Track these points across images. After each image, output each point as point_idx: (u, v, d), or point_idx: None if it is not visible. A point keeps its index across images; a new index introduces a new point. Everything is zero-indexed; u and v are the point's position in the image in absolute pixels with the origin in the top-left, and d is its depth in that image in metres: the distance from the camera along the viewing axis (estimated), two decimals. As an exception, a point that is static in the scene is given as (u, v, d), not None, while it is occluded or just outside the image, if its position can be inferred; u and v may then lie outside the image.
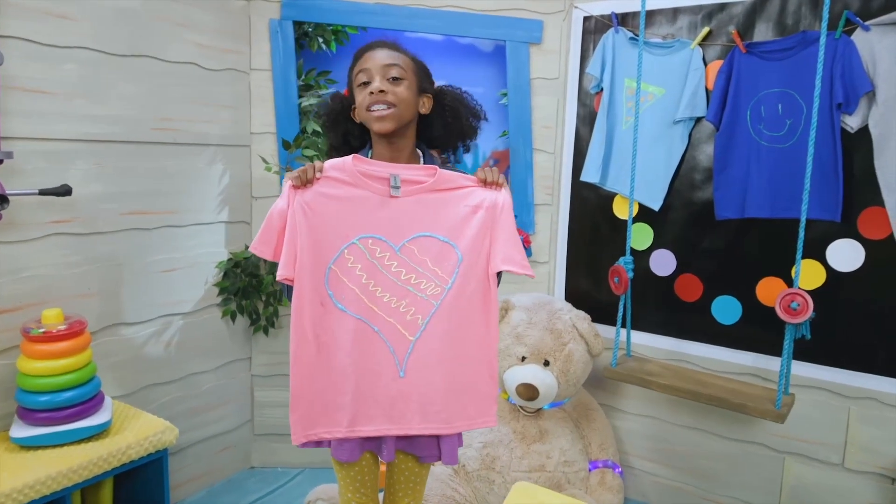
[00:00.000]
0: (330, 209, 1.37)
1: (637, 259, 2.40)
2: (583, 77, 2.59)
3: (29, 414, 1.81)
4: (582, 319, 2.46)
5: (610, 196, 2.56)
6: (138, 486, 2.05)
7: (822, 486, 2.23)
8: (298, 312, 1.37)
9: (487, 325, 1.42)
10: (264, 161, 2.48)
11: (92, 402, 1.89)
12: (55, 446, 1.81)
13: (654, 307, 2.47)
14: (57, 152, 1.95)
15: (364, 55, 1.44)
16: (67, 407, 1.83)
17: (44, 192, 1.81)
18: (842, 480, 2.20)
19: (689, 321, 2.42)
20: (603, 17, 2.50)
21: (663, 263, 2.45)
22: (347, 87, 1.51)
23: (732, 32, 2.20)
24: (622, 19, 2.46)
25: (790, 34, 2.12)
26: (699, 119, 2.31)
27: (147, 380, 2.30)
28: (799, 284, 1.86)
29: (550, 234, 2.72)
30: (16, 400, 1.83)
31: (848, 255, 2.10)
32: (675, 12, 2.36)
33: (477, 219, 1.39)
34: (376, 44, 1.45)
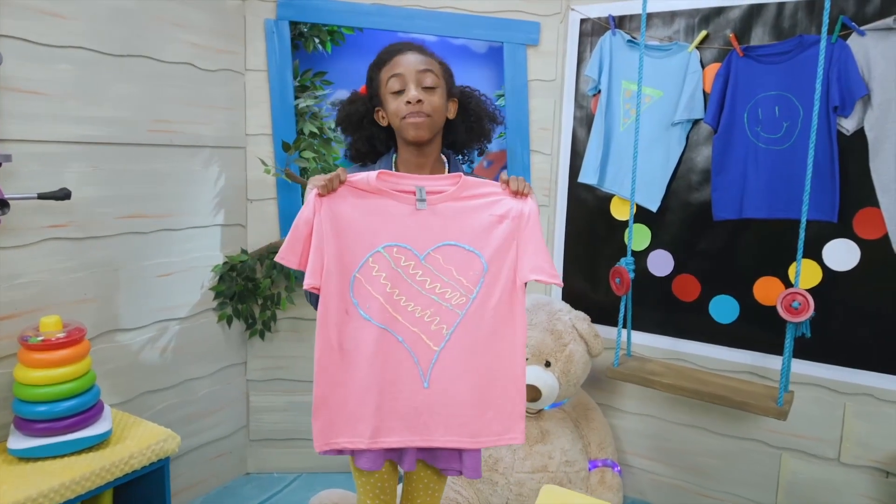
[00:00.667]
0: (356, 217, 1.36)
1: (635, 259, 2.41)
2: (580, 79, 2.60)
3: (27, 425, 1.76)
4: (581, 320, 2.47)
5: (607, 197, 2.58)
6: (138, 496, 2.00)
7: (819, 480, 2.28)
8: (324, 320, 1.35)
9: (514, 337, 1.39)
10: (263, 163, 2.45)
11: (92, 412, 1.84)
12: (55, 457, 1.76)
13: (653, 307, 2.49)
14: (52, 155, 1.89)
15: (395, 59, 1.41)
16: (67, 417, 1.78)
17: (42, 197, 1.75)
18: (837, 475, 2.25)
19: (686, 321, 2.45)
20: (600, 19, 2.52)
21: (661, 264, 2.48)
22: (367, 86, 1.48)
23: (730, 36, 2.23)
24: (619, 22, 2.48)
25: (786, 38, 2.16)
26: (697, 121, 2.34)
27: (143, 387, 2.25)
28: (799, 284, 1.90)
29: (547, 235, 2.73)
30: (13, 410, 1.77)
31: (844, 254, 2.14)
32: (672, 16, 2.38)
33: (503, 228, 1.38)
34: (405, 46, 1.43)
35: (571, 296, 2.69)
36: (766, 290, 2.28)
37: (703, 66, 2.32)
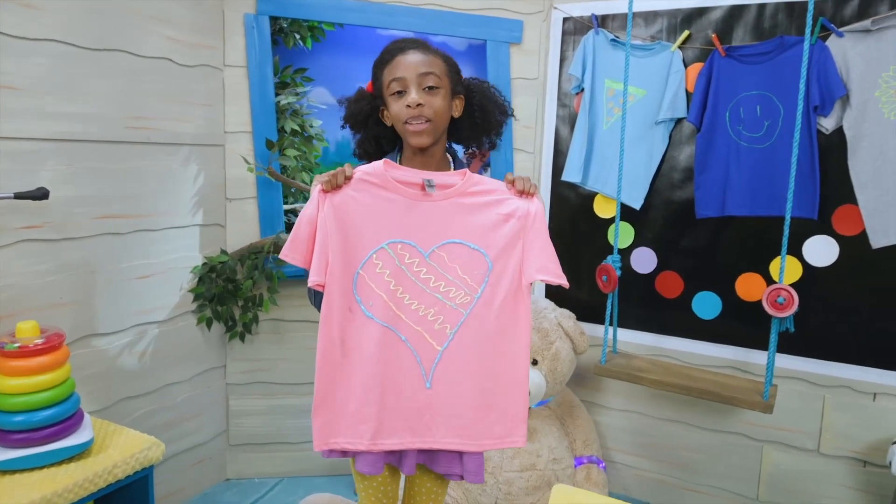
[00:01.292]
0: (360, 213, 1.33)
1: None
2: (562, 77, 2.61)
3: (4, 435, 1.66)
4: (567, 318, 2.48)
5: (590, 195, 2.59)
6: (121, 506, 1.93)
7: (799, 471, 2.33)
8: (327, 317, 1.32)
9: (518, 338, 1.37)
10: (246, 161, 2.39)
11: (72, 420, 1.76)
12: (34, 469, 1.67)
13: (636, 304, 2.52)
14: (26, 152, 1.80)
15: (396, 59, 1.37)
16: (46, 426, 1.69)
17: (19, 196, 1.67)
18: (817, 465, 2.30)
19: (670, 317, 2.48)
20: (583, 18, 2.53)
21: (644, 261, 2.51)
22: (372, 83, 1.45)
23: (712, 36, 2.27)
24: (601, 21, 2.50)
25: (767, 39, 2.20)
26: (679, 120, 2.37)
27: (121, 393, 2.18)
28: (778, 279, 1.94)
29: (530, 233, 2.73)
30: (-12, 421, 1.69)
31: (823, 250, 2.20)
32: (654, 15, 2.41)
33: (509, 227, 1.36)
34: (407, 45, 1.39)
35: (555, 293, 2.69)
36: (748, 286, 2.32)
37: (685, 66, 2.35)
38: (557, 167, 2.64)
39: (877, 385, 2.18)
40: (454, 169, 1.49)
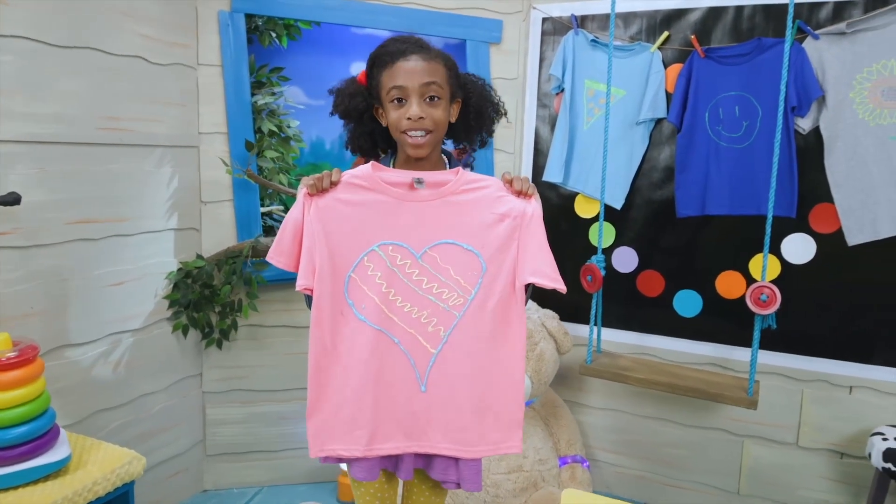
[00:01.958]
0: (348, 215, 1.30)
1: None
2: (542, 77, 2.61)
3: (-25, 455, 1.58)
4: (550, 318, 2.49)
5: (571, 195, 2.60)
6: (99, 524, 1.85)
7: (779, 464, 2.38)
8: (318, 322, 1.29)
9: (513, 341, 1.35)
10: (224, 163, 2.31)
11: (48, 437, 1.67)
12: (9, 489, 1.59)
13: (618, 303, 2.53)
14: (-6, 155, 1.72)
15: (397, 64, 1.32)
16: (21, 444, 1.60)
17: (-10, 202, 1.58)
18: (796, 458, 2.36)
19: (651, 315, 2.51)
20: (562, 18, 2.53)
21: (626, 261, 2.53)
22: (367, 79, 1.40)
23: (691, 38, 2.30)
24: (581, 22, 2.50)
25: (745, 41, 2.24)
26: (659, 120, 2.40)
27: (95, 405, 2.08)
28: (757, 276, 1.97)
29: (510, 234, 2.72)
30: (-42, 440, 1.59)
31: (801, 248, 2.25)
32: (633, 17, 2.42)
33: (503, 227, 1.33)
34: (409, 48, 1.33)
35: (536, 294, 2.69)
36: (728, 284, 2.36)
37: (664, 66, 2.37)
38: (538, 167, 2.64)
39: (853, 378, 2.23)
40: (449, 168, 1.47)
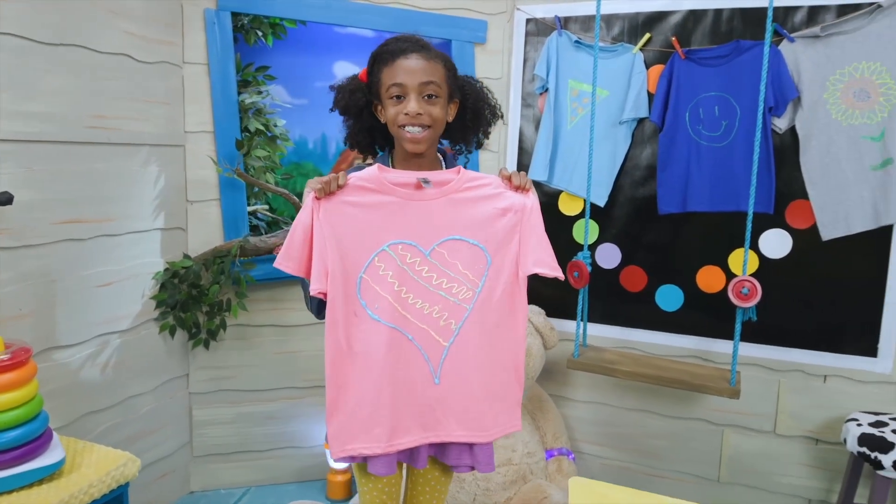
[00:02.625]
0: (357, 217, 1.33)
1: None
2: (526, 77, 2.65)
3: (-32, 459, 1.56)
4: (536, 314, 2.53)
5: (555, 193, 2.65)
6: (92, 528, 1.83)
7: (757, 452, 2.47)
8: (333, 324, 1.31)
9: (516, 329, 1.41)
10: (214, 162, 2.30)
11: (41, 440, 1.65)
12: (5, 493, 1.57)
13: (602, 298, 2.58)
14: (-18, 154, 1.69)
15: (397, 62, 1.35)
16: (14, 448, 1.58)
17: (-18, 202, 1.56)
18: (774, 446, 2.44)
19: (634, 310, 2.57)
20: (545, 19, 2.58)
21: (609, 257, 2.58)
22: (368, 76, 1.43)
23: (672, 39, 2.36)
24: (564, 23, 2.55)
25: (724, 43, 2.31)
26: (641, 120, 2.46)
27: (84, 408, 2.06)
28: (736, 271, 2.03)
29: (495, 231, 2.76)
30: (-51, 444, 1.56)
31: (777, 243, 2.33)
32: (614, 18, 2.48)
33: (506, 221, 1.38)
34: (410, 47, 1.37)
35: (521, 290, 2.73)
36: (709, 278, 2.43)
37: (646, 67, 2.43)
38: (522, 166, 2.68)
39: (827, 368, 2.33)
40: (445, 168, 1.50)
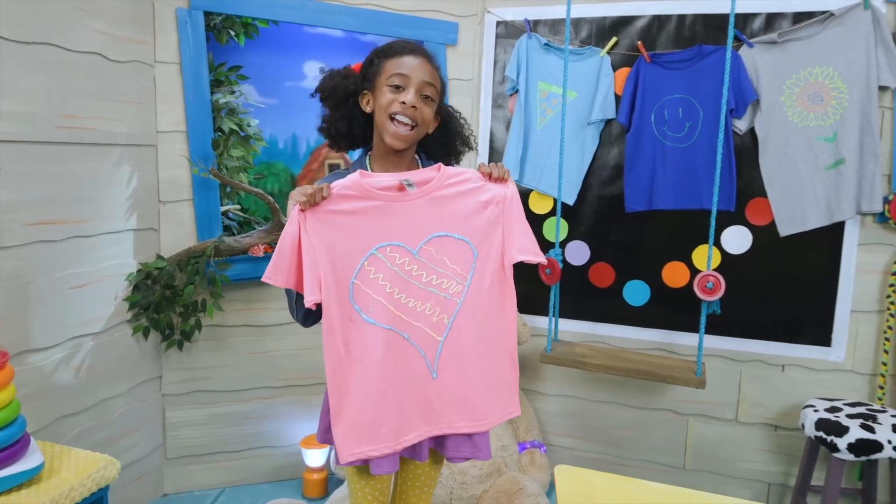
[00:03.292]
0: (344, 225, 1.34)
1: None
2: (496, 79, 2.71)
3: (-55, 466, 1.53)
4: (509, 310, 2.58)
5: (525, 192, 2.71)
6: (71, 532, 1.81)
7: (721, 439, 2.58)
8: (330, 331, 1.33)
9: (506, 317, 1.45)
10: (190, 162, 2.28)
11: (19, 445, 1.63)
12: (-17, 499, 1.55)
13: (572, 294, 2.66)
14: (-47, 155, 1.65)
15: (405, 57, 1.40)
16: (-6, 452, 1.57)
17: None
18: (736, 433, 2.56)
19: (603, 305, 2.65)
20: (515, 22, 2.64)
21: (578, 254, 2.66)
22: (364, 67, 1.46)
23: (638, 44, 2.45)
24: (533, 26, 2.61)
25: (687, 47, 2.41)
26: (609, 120, 2.54)
27: (57, 411, 2.03)
28: (699, 266, 2.12)
29: (467, 230, 2.81)
30: (-76, 451, 1.53)
31: (738, 239, 2.44)
32: (583, 22, 2.55)
33: (488, 213, 1.42)
34: (419, 50, 1.43)
35: (493, 288, 2.79)
36: (674, 274, 2.53)
37: (613, 70, 2.51)
38: (493, 165, 2.74)
39: (785, 357, 2.45)
40: (423, 167, 1.53)
